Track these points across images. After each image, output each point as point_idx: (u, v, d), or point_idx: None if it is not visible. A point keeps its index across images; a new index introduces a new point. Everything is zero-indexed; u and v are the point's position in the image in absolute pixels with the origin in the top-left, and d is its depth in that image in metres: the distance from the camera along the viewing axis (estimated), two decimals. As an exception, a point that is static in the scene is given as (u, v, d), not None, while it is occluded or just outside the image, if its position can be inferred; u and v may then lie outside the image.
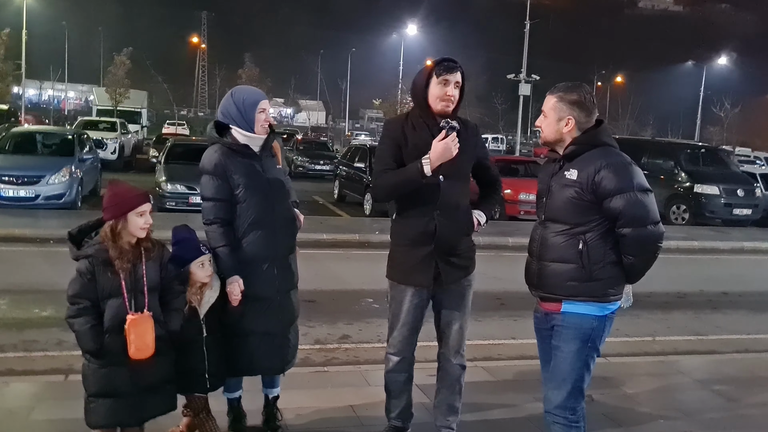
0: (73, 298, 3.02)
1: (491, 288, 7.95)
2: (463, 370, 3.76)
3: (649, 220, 3.01)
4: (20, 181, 12.45)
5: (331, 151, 29.82)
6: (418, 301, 3.61)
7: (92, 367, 3.08)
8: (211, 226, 3.54)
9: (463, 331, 3.71)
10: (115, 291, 3.04)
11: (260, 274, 3.58)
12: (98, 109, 45.73)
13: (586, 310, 3.10)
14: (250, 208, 3.57)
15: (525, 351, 5.95)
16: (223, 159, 3.55)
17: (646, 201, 3.02)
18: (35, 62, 52.15)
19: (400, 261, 3.62)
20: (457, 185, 3.54)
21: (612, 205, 3.00)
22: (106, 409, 3.10)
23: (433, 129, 3.45)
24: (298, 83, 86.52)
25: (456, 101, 3.52)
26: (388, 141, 3.59)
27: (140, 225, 3.09)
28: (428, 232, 3.48)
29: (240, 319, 3.55)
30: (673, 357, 6.20)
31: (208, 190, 3.56)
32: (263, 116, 3.63)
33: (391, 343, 3.72)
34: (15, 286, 7.38)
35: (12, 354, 5.45)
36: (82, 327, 3.00)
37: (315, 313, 6.69)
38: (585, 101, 3.15)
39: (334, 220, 14.19)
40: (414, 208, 3.53)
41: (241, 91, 3.76)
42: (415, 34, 57.85)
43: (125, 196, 3.11)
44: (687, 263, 11.53)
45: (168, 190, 13.29)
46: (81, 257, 3.03)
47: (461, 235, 3.60)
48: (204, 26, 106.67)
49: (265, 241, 3.59)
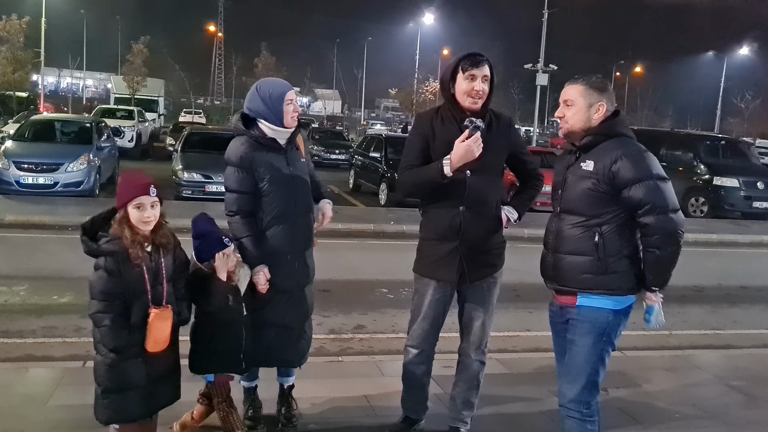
0: (102, 295, 2.96)
1: (507, 279, 7.86)
2: (483, 366, 3.74)
3: (670, 208, 2.95)
4: (39, 168, 12.58)
5: (346, 140, 29.77)
6: (440, 296, 3.60)
7: (108, 362, 3.03)
8: (234, 218, 3.54)
9: (486, 328, 3.67)
10: (139, 286, 3.02)
11: (282, 267, 3.58)
12: (116, 97, 46.04)
13: (602, 304, 3.08)
14: (274, 201, 3.56)
15: (540, 343, 5.95)
16: (249, 152, 3.53)
17: (665, 189, 2.97)
18: (54, 50, 52.45)
19: (425, 254, 3.60)
20: (485, 180, 3.46)
21: (631, 194, 2.95)
22: (120, 405, 3.08)
23: (462, 124, 3.39)
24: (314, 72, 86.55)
25: (485, 96, 3.43)
26: (415, 135, 3.57)
27: (139, 218, 3.01)
28: (453, 227, 3.45)
29: (260, 311, 3.56)
30: (689, 351, 6.15)
31: (233, 181, 3.55)
32: (291, 108, 3.59)
33: (410, 335, 3.72)
34: (34, 273, 7.46)
35: (31, 340, 5.52)
36: (110, 324, 2.96)
37: (330, 302, 6.71)
38: (610, 88, 3.15)
39: (349, 210, 14.20)
40: (440, 203, 3.50)
41: (266, 84, 3.68)
42: (432, 23, 57.46)
43: (126, 185, 3.06)
44: (705, 256, 11.41)
45: (184, 178, 13.36)
46: (103, 254, 2.98)
47: (488, 231, 3.52)
48: (221, 15, 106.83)
49: (287, 235, 3.60)
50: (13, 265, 7.93)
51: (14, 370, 4.65)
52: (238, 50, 74.71)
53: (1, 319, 5.95)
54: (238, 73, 66.00)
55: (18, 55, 36.55)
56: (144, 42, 50.39)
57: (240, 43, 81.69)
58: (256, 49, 64.46)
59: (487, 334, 3.71)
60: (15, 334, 5.62)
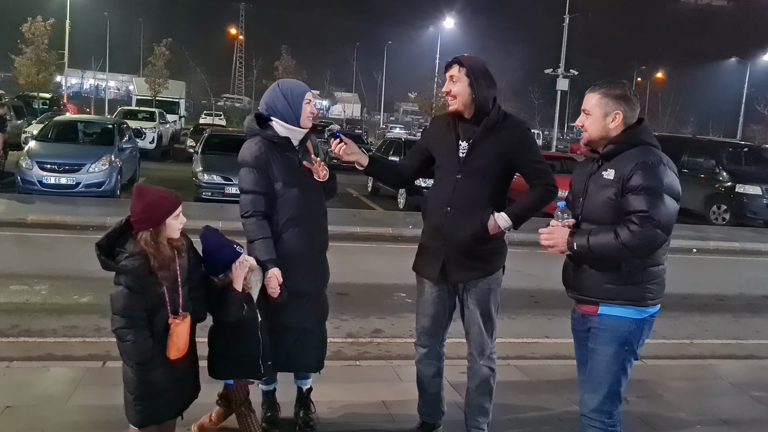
0: (124, 311, 2.95)
1: (525, 285, 7.88)
2: (492, 372, 3.66)
3: (662, 225, 2.85)
4: (62, 169, 12.73)
5: (365, 143, 29.82)
6: (437, 293, 3.63)
7: (136, 372, 3.06)
8: (249, 219, 3.53)
9: (485, 333, 3.59)
10: (159, 298, 3.02)
11: (300, 270, 3.57)
12: (137, 98, 46.47)
13: (624, 313, 3.03)
14: (288, 203, 3.56)
15: (559, 350, 5.90)
16: (264, 151, 3.53)
17: (670, 207, 2.88)
18: (78, 52, 53.13)
19: (418, 252, 3.73)
20: (473, 184, 3.46)
21: (634, 200, 2.86)
22: (151, 409, 3.12)
23: (451, 126, 3.54)
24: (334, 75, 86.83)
25: (457, 95, 3.44)
26: (422, 136, 3.72)
27: (176, 227, 3.07)
28: (438, 227, 3.52)
29: (279, 315, 3.55)
30: (710, 361, 6.07)
31: (247, 182, 3.54)
32: (309, 108, 3.62)
33: (416, 334, 3.78)
34: (55, 273, 7.54)
35: (52, 339, 5.57)
36: (134, 339, 2.96)
37: (347, 306, 6.71)
38: (630, 95, 3.08)
39: (368, 214, 14.20)
40: (431, 203, 3.62)
41: (287, 82, 3.76)
42: (452, 27, 57.40)
43: (161, 204, 3.05)
44: (727, 265, 11.28)
45: (204, 180, 13.48)
46: (123, 272, 2.97)
47: (471, 234, 3.45)
48: (242, 18, 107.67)
49: (303, 237, 3.59)
50: (35, 264, 8.01)
51: (35, 370, 4.69)
52: (259, 53, 75.22)
53: (23, 318, 6.01)
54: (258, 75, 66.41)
55: (42, 57, 37.01)
56: (166, 44, 50.82)
57: (260, 45, 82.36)
58: (276, 52, 64.80)
59: (489, 340, 3.61)
60: (36, 333, 5.67)
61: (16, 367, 4.67)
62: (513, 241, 3.81)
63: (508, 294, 3.70)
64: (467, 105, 3.45)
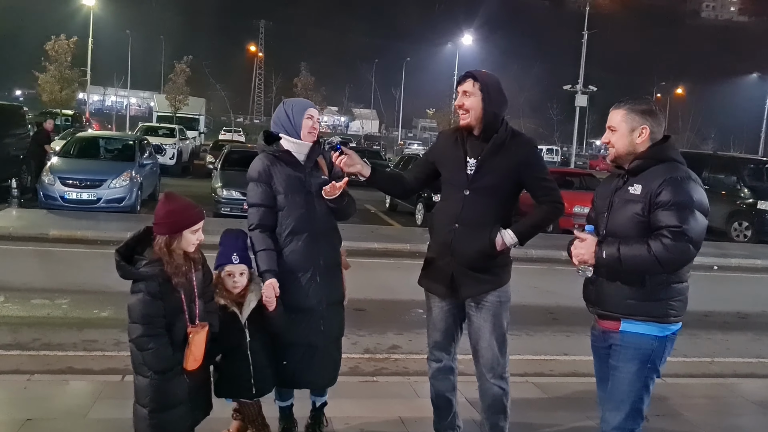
0: (145, 318, 2.96)
1: (543, 302, 7.83)
2: (504, 392, 3.60)
3: (695, 241, 2.83)
4: (83, 184, 12.88)
5: (383, 159, 29.89)
6: (447, 307, 3.63)
7: (153, 383, 3.04)
8: (253, 231, 3.59)
9: (495, 350, 3.54)
10: (178, 307, 3.05)
11: (302, 284, 3.59)
12: (158, 115, 47.05)
13: (646, 330, 3.00)
14: (289, 216, 3.60)
15: (578, 368, 5.85)
16: (267, 166, 3.62)
17: (700, 221, 2.87)
18: (100, 69, 53.86)
19: (424, 267, 3.74)
20: (482, 201, 3.46)
21: (664, 216, 2.85)
22: (165, 423, 3.09)
23: (459, 142, 3.54)
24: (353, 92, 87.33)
25: (470, 110, 3.45)
26: (429, 149, 3.91)
27: (192, 241, 3.08)
28: (446, 243, 3.53)
29: (283, 330, 3.56)
30: (732, 379, 5.97)
31: (252, 196, 3.64)
32: (310, 123, 3.67)
33: (428, 349, 3.79)
34: (76, 287, 7.62)
35: (72, 353, 5.62)
36: (155, 347, 2.97)
37: (365, 322, 6.70)
38: (656, 110, 3.09)
39: (386, 230, 14.21)
40: (439, 219, 3.62)
41: (291, 99, 3.87)
42: (470, 44, 57.58)
43: (183, 213, 3.08)
44: (748, 282, 11.12)
45: (223, 195, 13.57)
46: (143, 278, 2.99)
47: (479, 251, 3.45)
48: (261, 35, 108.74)
49: (305, 250, 3.60)
50: (56, 278, 8.10)
51: (55, 383, 4.73)
52: (278, 70, 75.99)
53: (43, 331, 6.07)
54: (277, 92, 67.05)
55: (65, 74, 37.69)
56: (186, 61, 51.53)
57: (280, 63, 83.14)
58: (295, 69, 65.47)
59: (500, 358, 3.56)
60: (56, 346, 5.73)
61: (37, 380, 4.71)
62: (531, 257, 3.79)
63: (526, 310, 3.70)
64: (479, 120, 3.46)
